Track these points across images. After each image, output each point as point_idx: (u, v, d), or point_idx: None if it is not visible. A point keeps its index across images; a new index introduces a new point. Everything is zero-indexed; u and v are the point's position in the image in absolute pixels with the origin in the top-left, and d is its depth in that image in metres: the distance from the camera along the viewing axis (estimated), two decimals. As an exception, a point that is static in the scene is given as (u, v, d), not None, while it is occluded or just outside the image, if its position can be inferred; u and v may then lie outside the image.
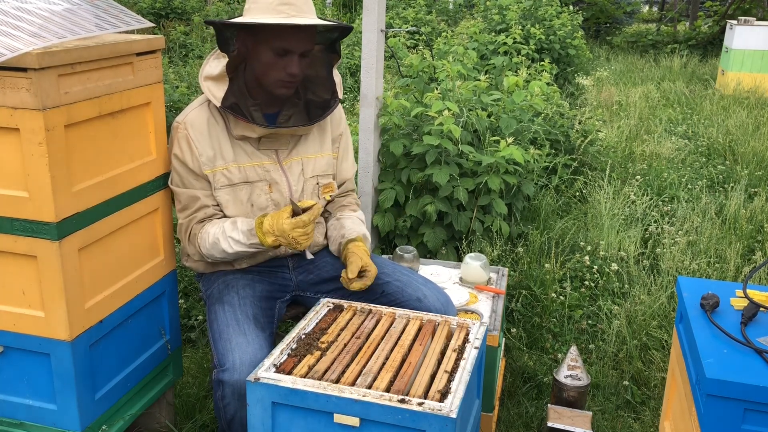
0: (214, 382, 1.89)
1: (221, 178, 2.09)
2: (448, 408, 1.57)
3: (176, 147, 2.10)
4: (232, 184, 2.10)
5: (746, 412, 1.63)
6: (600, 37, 15.31)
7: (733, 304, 1.96)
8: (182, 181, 2.12)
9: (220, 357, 1.90)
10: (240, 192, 2.11)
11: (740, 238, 4.11)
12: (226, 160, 2.09)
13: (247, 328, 1.95)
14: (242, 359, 1.85)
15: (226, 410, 1.88)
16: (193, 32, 9.52)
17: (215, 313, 2.05)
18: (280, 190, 2.14)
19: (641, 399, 2.85)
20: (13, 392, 1.96)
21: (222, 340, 1.94)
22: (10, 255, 1.83)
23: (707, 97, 8.70)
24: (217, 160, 2.09)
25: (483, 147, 3.84)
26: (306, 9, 2.00)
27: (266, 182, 2.12)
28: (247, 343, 1.90)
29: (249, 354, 1.86)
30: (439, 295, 2.17)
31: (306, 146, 2.19)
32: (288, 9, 1.95)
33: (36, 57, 1.65)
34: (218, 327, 1.99)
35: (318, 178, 2.22)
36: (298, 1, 1.98)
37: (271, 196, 2.14)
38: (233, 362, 1.85)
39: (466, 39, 7.67)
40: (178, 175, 2.12)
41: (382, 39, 3.36)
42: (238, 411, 1.86)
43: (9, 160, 1.75)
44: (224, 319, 2.00)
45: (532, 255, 3.64)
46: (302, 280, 2.26)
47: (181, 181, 2.12)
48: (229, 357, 1.87)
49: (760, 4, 14.74)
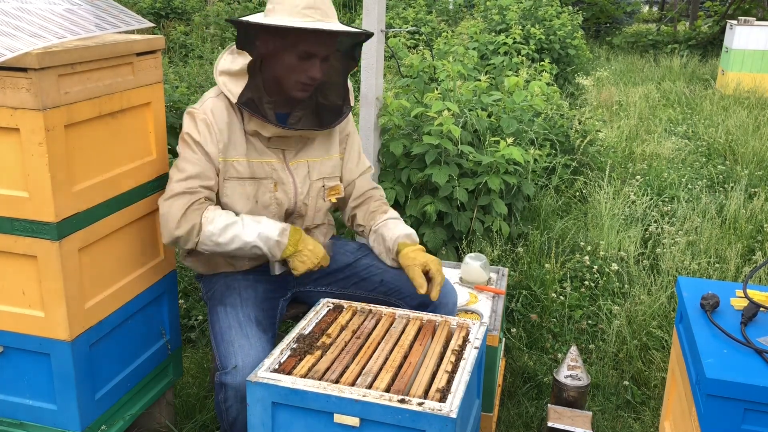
0: (217, 385, 1.89)
1: (231, 170, 2.07)
2: (448, 408, 1.57)
3: (193, 130, 2.03)
4: (241, 178, 2.08)
5: (746, 412, 1.63)
6: (600, 37, 15.31)
7: (733, 304, 1.96)
8: (195, 156, 2.03)
9: (223, 359, 1.90)
10: (247, 187, 2.09)
11: (740, 238, 4.11)
12: (239, 152, 2.07)
13: (250, 331, 1.95)
14: (245, 362, 1.85)
15: (228, 413, 1.88)
16: (193, 32, 9.51)
17: (217, 315, 2.04)
18: (285, 190, 2.13)
19: (641, 399, 2.85)
20: (13, 392, 1.96)
21: (224, 343, 1.93)
22: (10, 255, 1.83)
23: (707, 97, 8.70)
24: (231, 150, 2.05)
25: (483, 147, 3.84)
26: (330, 14, 1.99)
27: (272, 180, 2.11)
28: (250, 345, 1.90)
29: (252, 357, 1.86)
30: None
31: (313, 149, 2.18)
32: (314, 13, 1.94)
33: (36, 57, 1.65)
34: (220, 329, 1.99)
35: (324, 181, 2.21)
36: (324, 5, 1.97)
37: (275, 195, 2.12)
38: (236, 365, 1.85)
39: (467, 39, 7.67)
40: (191, 151, 2.03)
41: (382, 39, 3.36)
42: (240, 413, 1.86)
43: (9, 160, 1.75)
44: (226, 321, 1.99)
45: (532, 255, 3.64)
46: (303, 277, 2.25)
47: (192, 156, 2.03)
48: (232, 360, 1.87)
49: (760, 4, 14.74)
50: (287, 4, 1.95)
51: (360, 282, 2.23)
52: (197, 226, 2.00)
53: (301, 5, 1.93)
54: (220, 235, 2.00)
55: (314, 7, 1.94)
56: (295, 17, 1.93)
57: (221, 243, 2.01)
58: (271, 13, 1.99)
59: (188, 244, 2.03)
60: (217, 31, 9.58)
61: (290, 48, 1.98)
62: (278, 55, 2.00)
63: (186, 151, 2.04)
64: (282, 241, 2.03)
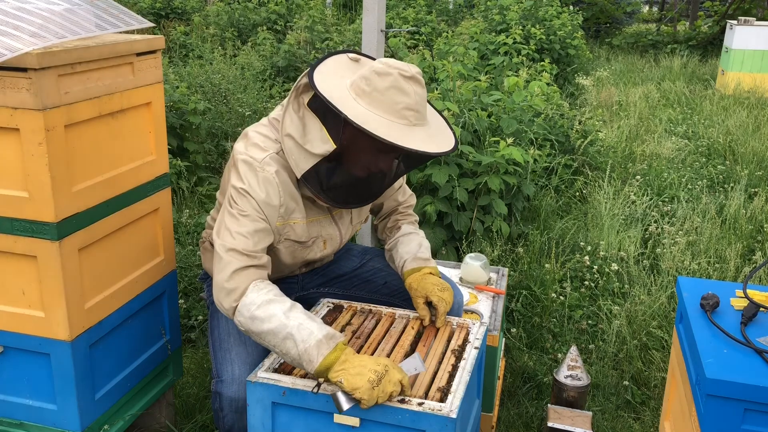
0: (212, 393, 1.87)
1: (290, 232, 1.93)
2: (448, 408, 1.57)
3: (255, 187, 1.82)
4: (299, 242, 1.98)
5: (746, 412, 1.63)
6: (600, 37, 15.31)
7: (733, 304, 1.96)
8: (253, 213, 1.83)
9: (219, 367, 1.88)
10: (297, 249, 2.00)
11: (740, 238, 4.11)
12: (297, 214, 1.93)
13: (248, 339, 1.92)
14: (241, 370, 1.83)
15: (224, 421, 1.86)
16: (193, 32, 9.51)
17: (217, 321, 2.03)
18: (333, 244, 2.09)
19: (641, 399, 2.85)
20: (13, 392, 1.96)
21: (222, 350, 1.92)
22: (10, 255, 1.83)
23: (707, 97, 8.70)
24: (293, 213, 1.92)
25: (483, 147, 3.84)
26: (424, 113, 1.81)
27: (322, 239, 2.05)
28: (247, 354, 1.88)
29: (248, 365, 1.84)
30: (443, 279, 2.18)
31: None
32: (412, 116, 1.75)
33: (36, 57, 1.65)
34: (219, 335, 1.97)
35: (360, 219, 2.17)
36: (421, 106, 1.77)
37: (324, 251, 2.08)
38: (231, 374, 1.84)
39: (467, 39, 7.67)
40: (251, 207, 1.82)
41: (383, 39, 3.36)
42: (236, 423, 1.84)
43: (9, 160, 1.75)
44: (225, 328, 1.98)
45: (532, 255, 3.64)
46: (308, 282, 2.25)
47: (252, 212, 1.83)
48: (228, 368, 1.86)
49: (760, 4, 14.74)
50: (388, 99, 1.73)
51: (363, 284, 2.23)
52: (240, 298, 1.77)
53: (402, 105, 1.73)
54: (255, 320, 1.72)
55: (414, 110, 1.75)
56: (393, 118, 1.73)
57: (255, 332, 1.73)
58: (367, 98, 1.74)
59: (224, 310, 1.81)
60: (217, 31, 9.58)
61: (376, 149, 1.81)
62: (362, 150, 1.83)
63: (245, 204, 1.82)
64: (323, 341, 1.65)
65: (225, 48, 8.49)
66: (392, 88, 1.73)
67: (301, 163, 1.80)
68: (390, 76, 1.73)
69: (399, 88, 1.73)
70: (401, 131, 1.72)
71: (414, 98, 1.74)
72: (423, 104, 1.79)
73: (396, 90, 1.73)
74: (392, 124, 1.72)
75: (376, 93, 1.74)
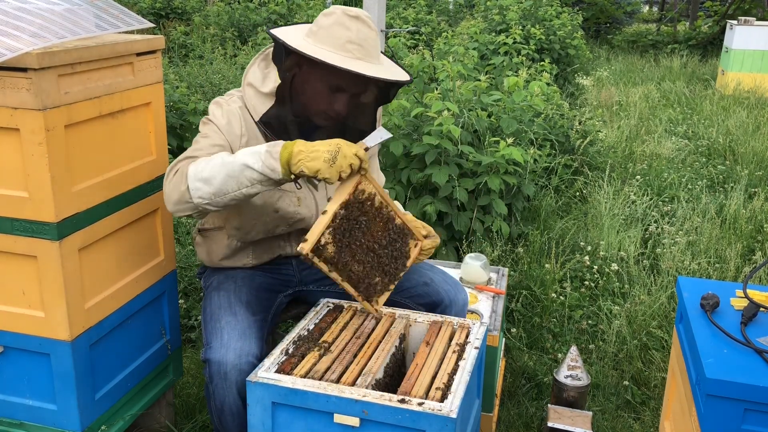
0: (203, 363, 1.87)
1: None
2: (448, 408, 1.57)
3: (218, 115, 1.94)
4: None
5: (746, 412, 1.63)
6: (600, 37, 15.31)
7: (733, 304, 1.96)
8: (218, 136, 1.93)
9: (209, 336, 1.90)
10: (269, 194, 2.00)
11: (740, 238, 4.11)
12: None
13: (239, 310, 1.94)
14: (230, 335, 1.84)
15: (215, 395, 1.84)
16: (193, 32, 9.51)
17: (210, 299, 2.04)
18: (308, 206, 2.09)
19: (641, 399, 2.85)
20: (13, 392, 1.96)
21: (212, 321, 1.93)
22: (10, 255, 1.83)
23: (707, 97, 8.70)
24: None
25: (483, 147, 3.84)
26: (373, 52, 1.90)
27: (295, 195, 2.06)
28: (236, 321, 1.89)
29: (237, 332, 1.85)
30: (447, 278, 2.18)
31: None
32: (356, 50, 1.85)
33: (36, 57, 1.65)
34: (210, 309, 1.98)
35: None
36: (368, 41, 1.88)
37: (299, 210, 2.08)
38: (220, 340, 1.84)
39: (467, 39, 7.67)
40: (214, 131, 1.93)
41: (383, 39, 3.36)
42: (226, 396, 1.82)
43: (9, 160, 1.75)
44: (217, 302, 1.99)
45: (532, 255, 3.64)
46: (306, 275, 2.25)
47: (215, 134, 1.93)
48: (217, 335, 1.86)
49: (760, 4, 14.74)
50: (330, 32, 1.86)
51: None
52: (184, 177, 1.79)
53: (344, 39, 1.85)
54: (204, 169, 1.76)
55: (357, 44, 1.85)
56: (335, 50, 1.85)
57: (208, 178, 1.75)
58: (312, 36, 1.89)
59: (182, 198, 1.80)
60: (217, 31, 9.57)
61: (319, 77, 1.90)
62: (307, 79, 1.92)
63: (207, 128, 1.94)
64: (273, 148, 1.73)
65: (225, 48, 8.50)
66: (335, 24, 1.86)
67: (258, 106, 1.95)
68: (334, 15, 1.88)
69: (341, 23, 1.86)
70: (342, 61, 1.83)
71: (356, 33, 1.85)
72: (369, 42, 1.89)
73: (339, 26, 1.86)
74: (334, 55, 1.84)
75: (322, 30, 1.88)
